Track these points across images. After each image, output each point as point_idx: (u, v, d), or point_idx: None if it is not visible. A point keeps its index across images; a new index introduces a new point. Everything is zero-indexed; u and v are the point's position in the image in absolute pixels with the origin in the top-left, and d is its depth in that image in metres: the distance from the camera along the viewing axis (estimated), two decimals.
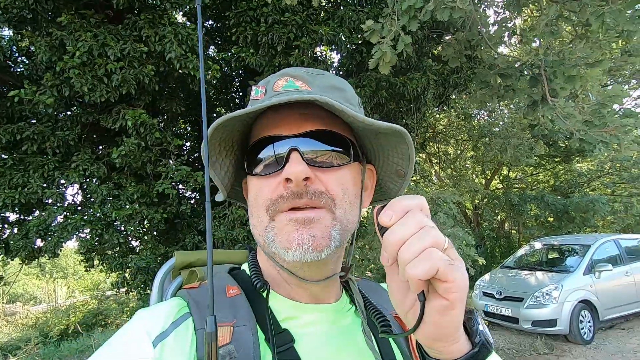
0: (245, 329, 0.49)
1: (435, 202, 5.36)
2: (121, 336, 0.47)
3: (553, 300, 6.23)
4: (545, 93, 2.77)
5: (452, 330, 0.43)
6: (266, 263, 0.59)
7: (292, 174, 0.49)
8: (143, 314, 0.50)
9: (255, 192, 0.54)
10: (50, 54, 3.70)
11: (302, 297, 0.58)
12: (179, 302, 0.53)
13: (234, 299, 0.53)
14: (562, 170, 13.18)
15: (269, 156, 0.52)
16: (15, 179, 4.32)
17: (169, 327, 0.48)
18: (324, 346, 0.54)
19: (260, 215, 0.53)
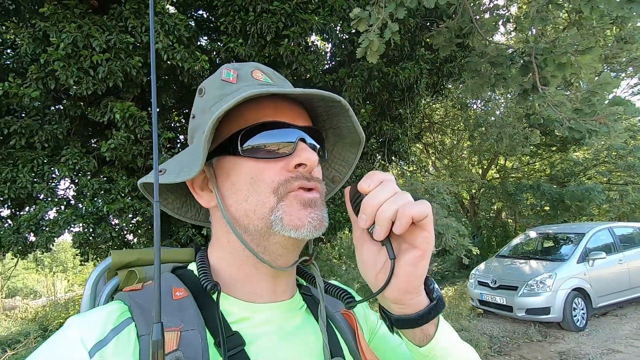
0: (193, 333, 0.46)
1: (429, 192, 5.35)
2: (52, 346, 0.42)
3: (547, 288, 6.29)
4: (536, 81, 2.73)
5: (420, 281, 0.49)
6: (223, 260, 0.57)
7: (309, 160, 0.53)
8: (77, 321, 0.46)
9: (254, 174, 0.52)
10: (34, 46, 3.63)
11: (259, 294, 0.56)
12: (119, 307, 0.49)
13: (181, 301, 0.50)
14: (558, 160, 13.18)
15: (274, 141, 0.53)
16: (4, 173, 4.28)
17: (108, 334, 0.44)
18: (275, 347, 0.53)
19: (264, 198, 0.52)
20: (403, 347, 0.70)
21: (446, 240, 5.19)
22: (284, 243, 0.54)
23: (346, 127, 0.62)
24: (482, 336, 6.15)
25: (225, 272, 0.56)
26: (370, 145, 5.37)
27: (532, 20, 2.60)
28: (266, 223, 0.52)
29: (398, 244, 0.49)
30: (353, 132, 0.62)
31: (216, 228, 0.59)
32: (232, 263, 0.57)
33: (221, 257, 0.58)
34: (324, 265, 5.91)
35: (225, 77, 0.57)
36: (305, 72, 4.25)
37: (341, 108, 0.57)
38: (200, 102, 0.59)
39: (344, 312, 0.66)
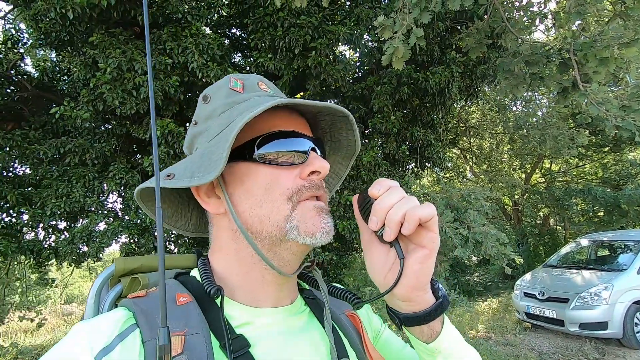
0: (197, 337, 0.47)
1: (466, 199, 5.15)
2: (59, 352, 0.43)
3: (603, 301, 5.76)
4: (577, 79, 2.56)
5: (427, 279, 0.51)
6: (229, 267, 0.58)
7: (323, 168, 0.55)
8: (83, 327, 0.46)
9: (269, 180, 0.54)
10: (85, 72, 3.98)
11: (263, 300, 0.57)
12: (124, 313, 0.49)
13: (185, 306, 0.51)
14: (611, 161, 12.20)
15: (288, 149, 0.55)
16: (60, 189, 4.69)
17: (113, 339, 0.45)
18: (280, 348, 0.54)
19: (279, 205, 0.53)
20: (407, 349, 0.70)
21: (486, 248, 4.95)
22: (295, 250, 0.55)
23: (346, 139, 0.65)
24: (531, 352, 5.75)
25: (230, 278, 0.57)
26: (402, 152, 5.29)
27: (569, 15, 2.46)
28: (280, 231, 0.53)
29: (405, 244, 0.52)
30: (351, 145, 0.65)
31: (220, 236, 0.59)
32: (238, 270, 0.57)
33: (226, 264, 0.58)
34: (359, 275, 5.84)
35: (234, 87, 0.59)
36: (333, 82, 4.30)
37: (347, 122, 0.60)
38: (204, 108, 0.60)
39: (348, 314, 0.67)
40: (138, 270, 0.64)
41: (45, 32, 4.13)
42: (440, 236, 4.34)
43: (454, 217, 4.68)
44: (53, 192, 4.71)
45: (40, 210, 4.80)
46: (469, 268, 12.57)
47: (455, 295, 6.16)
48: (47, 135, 4.92)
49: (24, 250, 5.17)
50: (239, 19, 5.19)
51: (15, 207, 4.94)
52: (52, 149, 4.65)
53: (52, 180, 4.77)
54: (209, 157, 0.52)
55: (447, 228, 4.50)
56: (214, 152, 0.52)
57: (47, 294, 11.51)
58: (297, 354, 0.54)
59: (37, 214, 4.81)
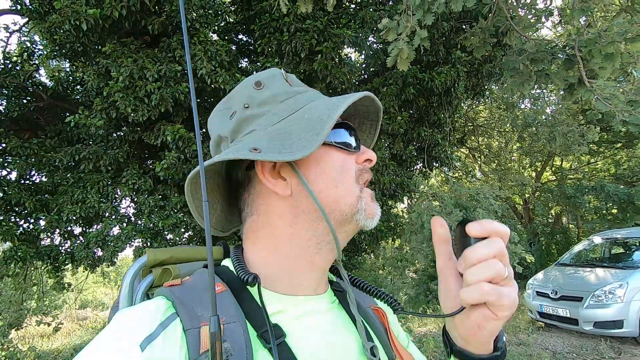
0: (235, 325, 0.47)
1: (474, 197, 5.13)
2: (105, 339, 0.43)
3: (617, 299, 5.68)
4: (582, 75, 2.56)
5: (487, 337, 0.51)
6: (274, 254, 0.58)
7: (374, 157, 0.63)
8: (126, 315, 0.47)
9: (341, 162, 0.58)
10: (98, 81, 4.10)
11: (303, 287, 0.58)
12: (163, 302, 0.49)
13: (220, 296, 0.51)
14: (624, 157, 11.99)
15: (351, 137, 0.61)
16: (75, 195, 4.82)
17: (156, 328, 0.45)
18: (315, 338, 0.54)
19: (351, 186, 0.58)
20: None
21: None
22: (351, 232, 0.60)
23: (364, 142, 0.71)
24: (544, 352, 5.68)
25: (269, 267, 0.57)
26: (409, 152, 5.31)
27: (573, 13, 2.47)
28: (352, 210, 0.57)
29: None
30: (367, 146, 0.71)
31: (272, 222, 0.58)
32: (284, 257, 0.57)
33: (269, 251, 0.58)
34: (368, 276, 5.85)
35: (287, 79, 0.63)
36: (339, 84, 4.36)
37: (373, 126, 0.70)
38: (259, 94, 0.60)
39: (374, 308, 0.68)
40: (168, 262, 0.64)
41: (59, 44, 4.28)
42: None
43: (463, 215, 4.67)
44: (69, 198, 4.84)
45: (57, 216, 4.94)
46: None
47: None
48: (63, 143, 5.07)
49: (42, 255, 5.32)
50: (245, 25, 5.29)
51: (33, 213, 5.09)
52: (68, 157, 4.79)
53: (67, 186, 4.91)
54: (294, 135, 0.54)
55: None
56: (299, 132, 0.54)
57: (62, 299, 11.73)
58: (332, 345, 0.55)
59: (54, 220, 4.95)
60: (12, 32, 6.61)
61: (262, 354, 0.48)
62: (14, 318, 7.74)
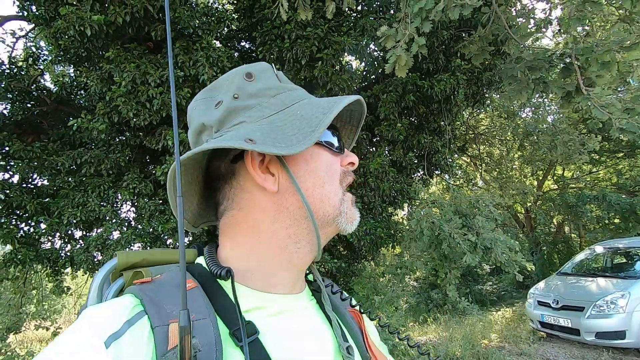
0: (204, 322, 0.46)
1: (475, 206, 5.13)
2: (68, 338, 0.42)
3: (619, 309, 5.63)
4: (579, 83, 2.58)
5: None
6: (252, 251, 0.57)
7: (357, 161, 0.64)
8: (92, 313, 0.46)
9: (328, 163, 0.59)
10: (101, 86, 4.15)
11: (279, 286, 0.57)
12: (131, 300, 0.48)
13: (190, 292, 0.50)
14: (626, 167, 11.96)
15: (334, 140, 0.62)
16: (76, 198, 4.84)
17: (122, 326, 0.44)
18: (290, 336, 0.53)
19: (335, 187, 0.59)
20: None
21: (496, 255, 4.90)
22: (331, 234, 0.60)
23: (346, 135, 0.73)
24: None
25: (246, 262, 0.56)
26: (409, 159, 5.32)
27: (569, 22, 2.50)
28: (335, 212, 0.58)
29: None
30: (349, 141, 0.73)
31: (255, 218, 0.57)
32: (263, 254, 0.56)
33: (248, 247, 0.57)
34: (367, 283, 5.82)
35: (277, 73, 0.63)
36: (339, 90, 4.39)
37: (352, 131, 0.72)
38: (249, 85, 0.59)
39: (351, 310, 0.67)
40: (140, 265, 0.62)
41: (64, 49, 4.34)
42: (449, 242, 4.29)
43: (462, 223, 4.67)
44: (70, 201, 4.86)
45: (58, 219, 4.95)
46: (481, 277, 12.36)
47: (467, 303, 6.08)
48: (65, 147, 5.11)
49: (41, 258, 5.33)
50: (247, 33, 5.36)
51: (34, 216, 5.11)
52: (70, 160, 4.82)
53: (69, 190, 4.94)
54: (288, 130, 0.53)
55: (456, 234, 4.49)
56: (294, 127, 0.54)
57: (62, 304, 11.69)
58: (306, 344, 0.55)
59: (55, 223, 4.97)
60: (19, 38, 6.72)
61: (233, 352, 0.47)
62: (12, 322, 7.72)
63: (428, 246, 4.85)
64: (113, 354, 0.41)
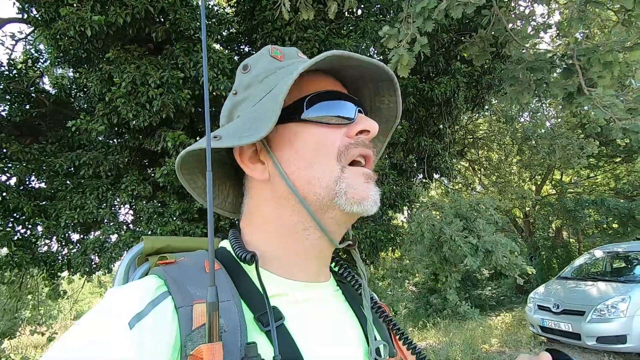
0: (229, 304, 0.45)
1: (475, 208, 5.12)
2: (92, 318, 0.42)
3: (620, 313, 5.60)
4: (581, 83, 2.58)
5: None
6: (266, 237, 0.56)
7: (372, 127, 0.53)
8: (116, 294, 0.46)
9: (318, 139, 0.52)
10: (101, 87, 4.13)
11: (301, 273, 0.55)
12: (155, 281, 0.48)
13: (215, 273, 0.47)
14: (624, 171, 12.02)
15: (337, 108, 0.54)
16: (74, 201, 4.79)
17: (146, 306, 0.43)
18: (315, 324, 0.52)
19: (329, 165, 0.51)
20: None
21: (497, 258, 4.88)
22: (339, 219, 0.53)
23: (387, 107, 0.62)
24: None
25: (266, 250, 0.55)
26: (409, 162, 5.32)
27: (570, 23, 2.51)
28: (329, 193, 0.51)
29: None
30: (392, 114, 0.62)
31: (260, 207, 0.57)
32: (277, 243, 0.55)
33: (264, 236, 0.56)
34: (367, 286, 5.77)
35: (274, 55, 0.58)
36: None
37: (391, 86, 0.58)
38: (245, 77, 0.59)
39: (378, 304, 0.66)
40: (165, 250, 0.63)
41: (64, 50, 4.33)
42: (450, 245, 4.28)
43: (463, 225, 4.65)
44: (67, 203, 4.82)
45: (55, 221, 4.90)
46: (480, 282, 12.32)
47: (467, 307, 6.04)
48: (63, 149, 5.08)
49: (38, 261, 5.26)
50: (248, 36, 5.37)
51: (31, 218, 5.05)
52: (68, 162, 4.79)
53: (66, 192, 4.89)
54: (257, 118, 0.51)
55: (457, 237, 4.47)
56: (263, 112, 0.51)
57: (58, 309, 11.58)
58: (332, 334, 0.53)
59: (52, 226, 4.91)
60: (18, 40, 6.71)
61: (257, 338, 0.46)
62: (7, 327, 7.61)
63: (429, 249, 4.83)
64: (137, 334, 0.40)
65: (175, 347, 0.42)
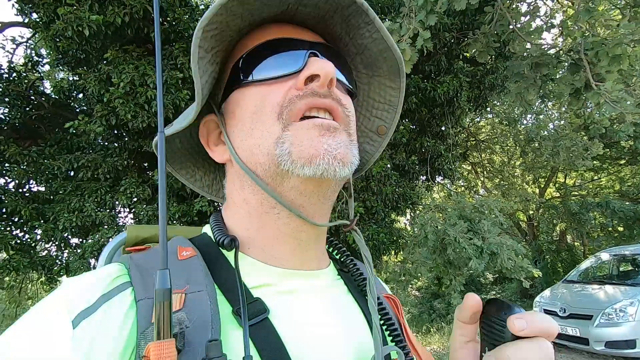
0: (200, 295, 0.40)
1: (479, 210, 5.03)
2: (36, 313, 0.38)
3: (629, 317, 5.48)
4: (589, 78, 2.51)
5: None
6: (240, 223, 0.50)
7: (322, 70, 0.43)
8: (67, 284, 0.41)
9: (257, 101, 0.45)
10: (99, 87, 4.09)
11: (284, 259, 0.49)
12: (117, 269, 0.43)
13: (187, 261, 0.44)
14: (628, 174, 11.90)
15: (279, 59, 0.45)
16: (73, 203, 4.74)
17: (97, 300, 0.38)
18: (307, 317, 0.45)
19: (268, 127, 0.44)
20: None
21: (502, 261, 4.78)
22: (301, 188, 0.45)
23: (374, 45, 0.50)
24: None
25: (243, 233, 0.49)
26: (412, 163, 5.24)
27: (577, 16, 2.45)
28: (272, 159, 0.44)
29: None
30: (387, 55, 0.50)
31: (230, 188, 0.53)
32: (251, 224, 0.49)
33: (237, 219, 0.51)
34: None
35: None
36: None
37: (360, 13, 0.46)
38: None
39: (386, 296, 0.59)
40: (149, 240, 0.59)
41: (62, 51, 4.30)
42: (454, 247, 4.18)
43: (468, 227, 4.57)
44: (66, 206, 4.76)
45: (53, 224, 4.85)
46: (484, 286, 12.18)
47: None
48: (62, 151, 5.04)
49: (36, 265, 5.20)
50: None
51: (29, 222, 5.00)
52: (66, 164, 4.74)
53: (65, 195, 4.84)
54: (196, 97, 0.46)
55: (461, 239, 4.38)
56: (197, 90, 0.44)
57: None
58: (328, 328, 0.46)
59: (50, 229, 4.85)
60: (19, 44, 6.71)
61: (234, 334, 0.39)
62: None
63: (432, 251, 4.74)
64: (80, 333, 0.36)
65: (129, 346, 0.37)
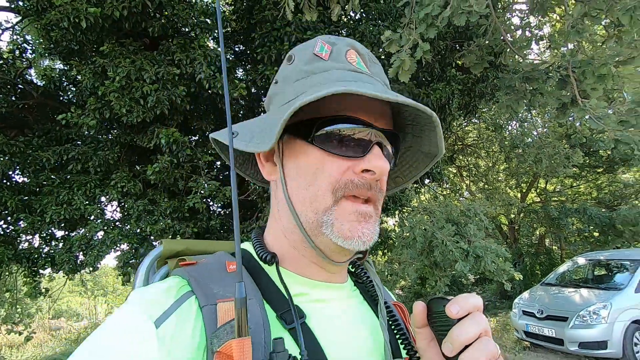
0: (251, 302, 0.46)
1: (465, 214, 5.19)
2: (117, 319, 0.43)
3: (602, 319, 5.75)
4: (576, 94, 2.66)
5: None
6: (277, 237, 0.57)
7: (378, 169, 0.50)
8: (140, 295, 0.46)
9: (319, 164, 0.51)
10: (93, 80, 4.04)
11: (315, 275, 0.56)
12: (177, 281, 0.49)
13: (235, 273, 0.50)
14: (605, 182, 12.38)
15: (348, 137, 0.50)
16: (61, 196, 4.66)
17: (170, 306, 0.44)
18: (337, 322, 0.53)
19: (323, 193, 0.50)
20: None
21: (485, 264, 4.95)
22: (332, 247, 0.52)
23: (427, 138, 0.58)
24: None
25: (280, 248, 0.56)
26: None
27: (567, 35, 2.59)
28: (318, 220, 0.51)
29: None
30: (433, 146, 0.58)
31: (274, 204, 0.58)
32: (284, 242, 0.56)
33: (276, 233, 0.57)
34: None
35: (318, 52, 0.54)
36: None
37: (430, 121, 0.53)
38: (286, 69, 0.57)
39: (395, 304, 0.66)
40: (183, 253, 0.65)
41: (55, 41, 4.21)
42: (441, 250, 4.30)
43: (455, 230, 4.71)
44: (53, 199, 4.68)
45: (39, 217, 4.76)
46: (466, 287, 12.49)
47: None
48: (51, 143, 4.94)
49: (20, 257, 5.09)
50: (243, 35, 5.33)
51: (14, 213, 4.89)
52: (55, 156, 4.66)
53: (53, 187, 4.75)
54: (270, 127, 0.51)
55: (448, 242, 4.52)
56: (274, 124, 0.49)
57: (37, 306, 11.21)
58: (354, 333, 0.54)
59: (36, 221, 4.76)
60: (5, 30, 6.50)
61: (282, 335, 0.45)
62: None
63: (420, 253, 4.87)
64: (162, 333, 0.41)
65: (200, 345, 0.43)
